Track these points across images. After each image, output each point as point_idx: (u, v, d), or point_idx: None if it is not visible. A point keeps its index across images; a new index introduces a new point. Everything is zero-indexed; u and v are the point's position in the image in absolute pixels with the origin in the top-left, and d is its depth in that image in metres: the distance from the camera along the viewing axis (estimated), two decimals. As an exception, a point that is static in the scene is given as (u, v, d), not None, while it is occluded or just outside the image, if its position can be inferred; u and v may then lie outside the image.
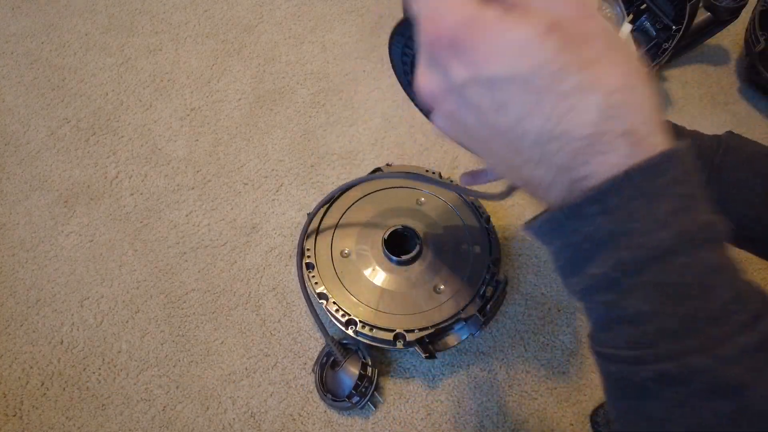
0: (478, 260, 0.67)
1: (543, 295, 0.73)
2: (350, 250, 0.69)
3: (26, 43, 0.98)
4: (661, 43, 0.80)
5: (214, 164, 0.84)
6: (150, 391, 0.66)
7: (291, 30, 1.01)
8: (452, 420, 0.64)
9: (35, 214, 0.79)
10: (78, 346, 0.69)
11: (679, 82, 0.94)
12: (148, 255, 0.76)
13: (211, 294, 0.73)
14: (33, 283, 0.73)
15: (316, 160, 0.85)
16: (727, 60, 0.97)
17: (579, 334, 0.70)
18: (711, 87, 0.93)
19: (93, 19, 1.01)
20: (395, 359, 0.68)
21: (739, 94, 0.92)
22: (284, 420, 0.64)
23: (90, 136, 0.87)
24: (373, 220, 0.71)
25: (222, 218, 0.79)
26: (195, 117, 0.89)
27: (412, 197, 0.73)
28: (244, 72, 0.95)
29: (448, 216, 0.71)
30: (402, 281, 0.66)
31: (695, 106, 0.91)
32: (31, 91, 0.92)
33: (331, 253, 0.68)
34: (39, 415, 0.65)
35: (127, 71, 0.95)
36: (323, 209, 0.71)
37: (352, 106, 0.91)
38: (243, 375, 0.67)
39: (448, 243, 0.69)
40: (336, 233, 0.70)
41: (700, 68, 0.95)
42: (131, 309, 0.72)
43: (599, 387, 0.66)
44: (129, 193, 0.81)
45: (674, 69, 0.95)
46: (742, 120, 0.89)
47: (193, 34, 1.00)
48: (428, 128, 0.88)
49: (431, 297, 0.65)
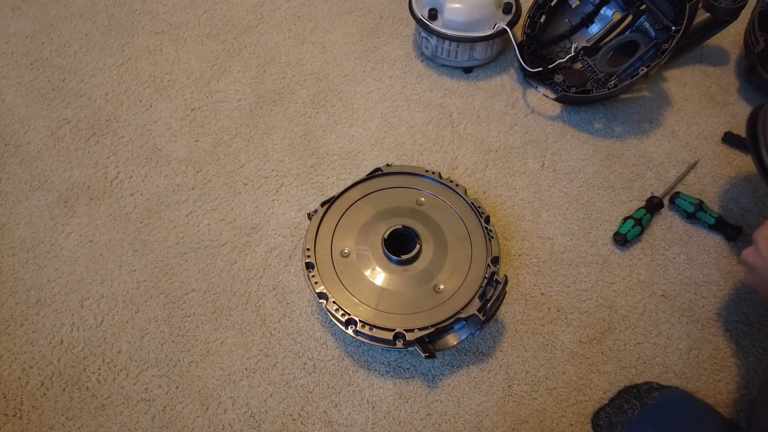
0: (478, 260, 0.67)
1: (543, 295, 0.73)
2: (350, 250, 0.69)
3: (26, 43, 0.98)
4: (661, 43, 0.80)
5: (214, 164, 0.84)
6: (150, 391, 0.66)
7: (291, 30, 1.01)
8: (452, 420, 0.64)
9: (35, 214, 0.79)
10: (78, 346, 0.69)
11: (679, 83, 0.94)
12: (148, 255, 0.76)
13: (211, 294, 0.73)
14: (33, 283, 0.73)
15: (316, 160, 0.85)
16: (726, 60, 0.97)
17: (579, 334, 0.70)
18: (711, 87, 0.93)
19: (93, 20, 1.01)
20: (395, 359, 0.68)
21: (739, 95, 0.92)
22: (284, 420, 0.64)
23: (90, 136, 0.87)
24: (373, 220, 0.71)
25: (222, 218, 0.79)
26: (195, 117, 0.89)
27: (412, 197, 0.73)
28: (244, 72, 0.95)
29: (448, 216, 0.71)
30: (402, 281, 0.66)
31: (695, 106, 0.91)
32: (31, 91, 0.92)
33: (331, 253, 0.69)
34: (39, 415, 0.65)
35: (127, 71, 0.95)
36: (323, 209, 0.71)
37: (352, 107, 0.91)
38: (243, 375, 0.67)
39: (448, 243, 0.69)
40: (336, 233, 0.70)
41: (699, 68, 0.96)
42: (131, 309, 0.72)
43: (599, 387, 0.66)
44: (129, 193, 0.81)
45: (674, 69, 0.95)
46: (741, 120, 0.89)
47: (194, 35, 1.00)
48: (428, 128, 0.88)
49: (431, 297, 0.65)
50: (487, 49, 0.92)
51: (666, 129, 0.88)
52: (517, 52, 0.90)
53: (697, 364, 0.68)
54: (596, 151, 0.86)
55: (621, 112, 0.90)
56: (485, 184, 0.82)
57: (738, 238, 0.75)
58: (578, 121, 0.89)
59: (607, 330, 0.70)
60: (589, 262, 0.75)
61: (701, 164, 0.84)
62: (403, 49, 0.98)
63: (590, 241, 0.77)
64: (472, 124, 0.89)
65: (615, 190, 0.81)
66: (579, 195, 0.81)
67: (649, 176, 0.83)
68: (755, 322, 0.70)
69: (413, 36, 1.00)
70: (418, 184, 0.74)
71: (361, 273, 0.67)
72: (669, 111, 0.90)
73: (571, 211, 0.79)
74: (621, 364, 0.68)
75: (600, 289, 0.73)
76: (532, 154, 0.85)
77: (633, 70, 0.84)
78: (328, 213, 0.71)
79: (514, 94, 0.92)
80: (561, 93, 0.87)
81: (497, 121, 0.89)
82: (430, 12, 0.89)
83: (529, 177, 0.83)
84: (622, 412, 0.62)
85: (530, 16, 0.92)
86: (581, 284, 0.73)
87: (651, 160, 0.84)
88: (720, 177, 0.83)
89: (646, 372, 0.67)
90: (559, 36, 0.95)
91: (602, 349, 0.69)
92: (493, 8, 0.90)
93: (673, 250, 0.76)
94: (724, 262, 0.75)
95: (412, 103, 0.91)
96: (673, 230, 0.78)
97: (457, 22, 0.88)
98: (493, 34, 0.88)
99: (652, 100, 0.92)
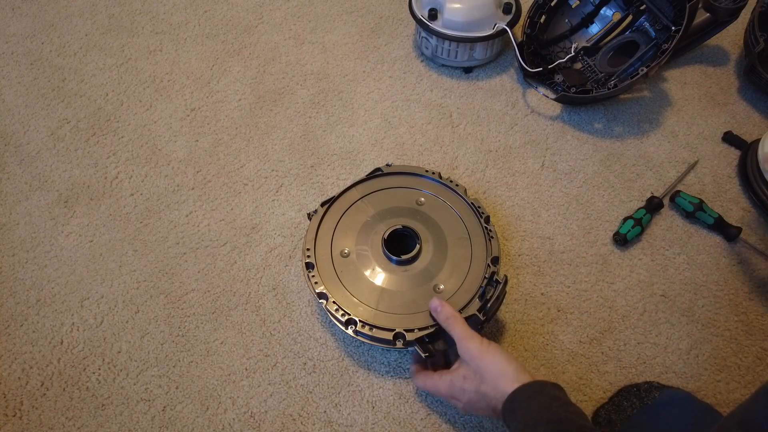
0: (478, 260, 0.67)
1: (543, 295, 0.73)
2: (350, 250, 0.69)
3: (26, 43, 0.98)
4: (661, 43, 0.80)
5: (214, 164, 0.84)
6: (150, 391, 0.66)
7: (291, 30, 1.01)
8: (452, 420, 0.64)
9: (35, 214, 0.79)
10: (78, 346, 0.69)
11: (679, 83, 0.94)
12: (148, 255, 0.76)
13: (211, 294, 0.73)
14: (33, 283, 0.73)
15: (316, 160, 0.85)
16: (726, 60, 0.97)
17: (579, 334, 0.70)
18: (711, 87, 0.93)
19: (93, 20, 1.01)
20: (395, 359, 0.68)
21: (739, 95, 0.92)
22: (284, 420, 0.64)
23: (90, 136, 0.87)
24: (373, 220, 0.71)
25: (222, 218, 0.79)
26: (195, 117, 0.89)
27: (412, 197, 0.73)
28: (244, 72, 0.95)
29: (448, 216, 0.71)
30: (402, 281, 0.66)
31: (695, 106, 0.91)
32: (31, 91, 0.92)
33: (331, 253, 0.69)
34: (39, 415, 0.65)
35: (127, 71, 0.95)
36: (323, 209, 0.71)
37: (352, 107, 0.91)
38: (243, 375, 0.67)
39: (448, 243, 0.69)
40: (336, 233, 0.70)
41: (699, 69, 0.96)
42: (131, 309, 0.72)
43: (599, 387, 0.66)
44: (129, 193, 0.81)
45: (674, 69, 0.95)
46: (741, 120, 0.89)
47: (194, 35, 1.00)
48: (428, 128, 0.88)
49: (431, 297, 0.65)
50: (487, 49, 0.92)
51: (666, 129, 0.88)
52: (517, 52, 0.90)
53: (697, 364, 0.68)
54: (596, 151, 0.86)
55: (621, 112, 0.90)
56: (485, 184, 0.82)
57: (738, 238, 0.75)
58: (578, 121, 0.89)
59: (607, 330, 0.70)
60: (589, 262, 0.75)
61: (701, 164, 0.84)
62: (403, 49, 0.98)
63: (590, 241, 0.77)
64: (472, 124, 0.89)
65: (615, 190, 0.81)
66: (579, 195, 0.81)
67: (649, 176, 0.83)
68: (755, 322, 0.70)
69: (413, 36, 1.00)
70: (418, 184, 0.74)
71: (361, 273, 0.67)
72: (669, 111, 0.90)
73: (571, 211, 0.79)
74: (621, 364, 0.68)
75: (600, 289, 0.73)
76: (532, 154, 0.85)
77: (633, 70, 0.84)
78: (328, 213, 0.71)
79: (514, 94, 0.92)
80: (561, 93, 0.87)
81: (497, 121, 0.89)
82: (430, 12, 0.89)
83: (529, 177, 0.83)
84: (622, 410, 0.62)
85: (530, 16, 0.92)
86: (581, 284, 0.73)
87: (651, 160, 0.84)
88: (720, 177, 0.83)
89: (646, 372, 0.67)
90: (559, 36, 0.95)
91: (602, 349, 0.69)
92: (493, 8, 0.90)
93: (673, 250, 0.76)
94: (724, 262, 0.75)
95: (412, 103, 0.91)
96: (673, 230, 0.78)
97: (457, 22, 0.88)
98: (493, 34, 0.88)
99: (652, 100, 0.92)
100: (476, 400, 0.56)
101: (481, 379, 0.55)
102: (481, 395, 0.55)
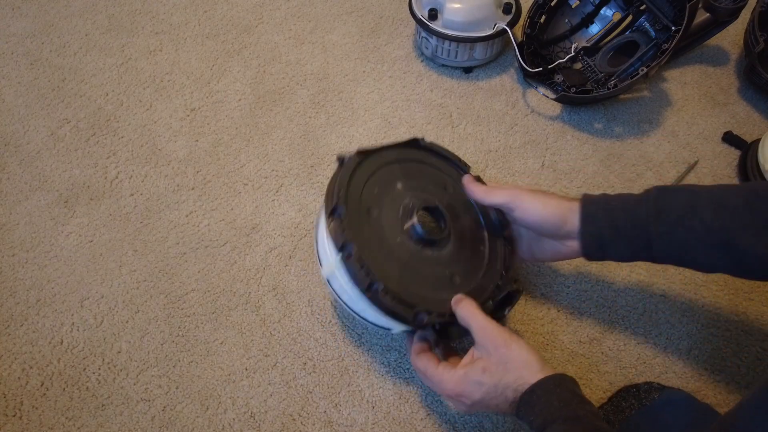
0: (492, 267, 0.64)
1: (543, 295, 0.73)
2: (378, 212, 0.61)
3: (26, 43, 0.98)
4: (661, 43, 0.80)
5: (214, 164, 0.84)
6: (150, 391, 0.66)
7: (291, 30, 1.01)
8: (452, 420, 0.64)
9: (35, 214, 0.79)
10: (78, 346, 0.69)
11: (679, 83, 0.94)
12: (148, 255, 0.76)
13: (211, 294, 0.73)
14: (33, 283, 0.73)
15: (317, 160, 0.85)
16: (726, 60, 0.97)
17: (579, 334, 0.70)
18: (711, 87, 0.93)
19: (93, 20, 1.01)
20: (395, 359, 0.68)
21: (739, 95, 0.92)
22: (284, 420, 0.64)
23: (90, 136, 0.87)
24: (404, 189, 0.64)
25: (222, 218, 0.79)
26: (195, 117, 0.89)
27: (442, 181, 0.68)
28: (244, 72, 0.95)
29: (470, 212, 0.67)
30: (424, 261, 0.61)
31: (695, 107, 0.91)
32: (31, 91, 0.92)
33: (360, 207, 0.60)
34: (39, 415, 0.65)
35: (127, 71, 0.95)
36: (358, 158, 0.62)
37: (352, 107, 0.91)
38: (243, 375, 0.67)
39: (468, 239, 0.65)
40: (365, 189, 0.62)
41: (699, 69, 0.96)
42: (131, 309, 0.72)
43: (599, 387, 0.66)
44: (129, 193, 0.81)
45: (674, 69, 0.95)
46: (741, 120, 0.89)
47: (193, 35, 1.00)
48: (428, 128, 0.88)
49: (446, 286, 0.60)
50: (487, 49, 0.92)
51: (666, 129, 0.88)
52: (517, 52, 0.90)
53: (697, 364, 0.68)
54: (596, 151, 0.86)
55: (621, 112, 0.90)
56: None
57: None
58: (578, 121, 0.89)
59: (607, 330, 0.70)
60: (589, 262, 0.75)
61: (701, 164, 0.84)
62: (403, 49, 0.98)
63: (590, 241, 0.77)
64: (472, 124, 0.89)
65: (615, 189, 0.81)
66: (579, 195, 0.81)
67: (649, 176, 0.83)
68: (755, 322, 0.70)
69: (413, 36, 1.00)
70: (448, 169, 0.70)
71: (386, 240, 0.60)
72: (669, 111, 0.90)
73: (571, 211, 0.79)
74: (621, 364, 0.68)
75: (600, 289, 0.73)
76: (532, 154, 0.85)
77: (633, 70, 0.84)
78: (364, 164, 0.62)
79: (514, 94, 0.92)
80: (561, 93, 0.87)
81: (497, 121, 0.89)
82: (430, 12, 0.89)
83: (529, 177, 0.83)
84: (620, 410, 0.62)
85: (530, 16, 0.92)
86: (581, 284, 0.73)
87: (651, 160, 0.84)
88: (720, 177, 0.83)
89: (646, 372, 0.67)
90: (559, 36, 0.95)
91: (602, 349, 0.69)
92: (493, 8, 0.90)
93: (673, 250, 0.76)
94: (724, 262, 0.75)
95: (412, 103, 0.91)
96: (673, 230, 0.78)
97: (457, 22, 0.88)
98: (493, 34, 0.88)
99: (652, 100, 0.92)
100: (493, 395, 0.53)
101: (505, 369, 0.53)
102: (501, 388, 0.52)
